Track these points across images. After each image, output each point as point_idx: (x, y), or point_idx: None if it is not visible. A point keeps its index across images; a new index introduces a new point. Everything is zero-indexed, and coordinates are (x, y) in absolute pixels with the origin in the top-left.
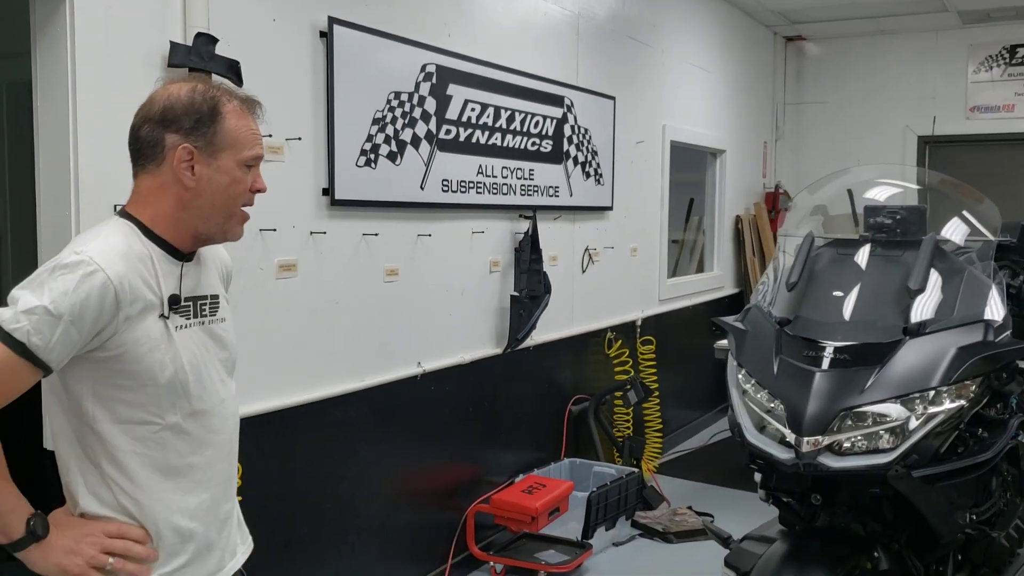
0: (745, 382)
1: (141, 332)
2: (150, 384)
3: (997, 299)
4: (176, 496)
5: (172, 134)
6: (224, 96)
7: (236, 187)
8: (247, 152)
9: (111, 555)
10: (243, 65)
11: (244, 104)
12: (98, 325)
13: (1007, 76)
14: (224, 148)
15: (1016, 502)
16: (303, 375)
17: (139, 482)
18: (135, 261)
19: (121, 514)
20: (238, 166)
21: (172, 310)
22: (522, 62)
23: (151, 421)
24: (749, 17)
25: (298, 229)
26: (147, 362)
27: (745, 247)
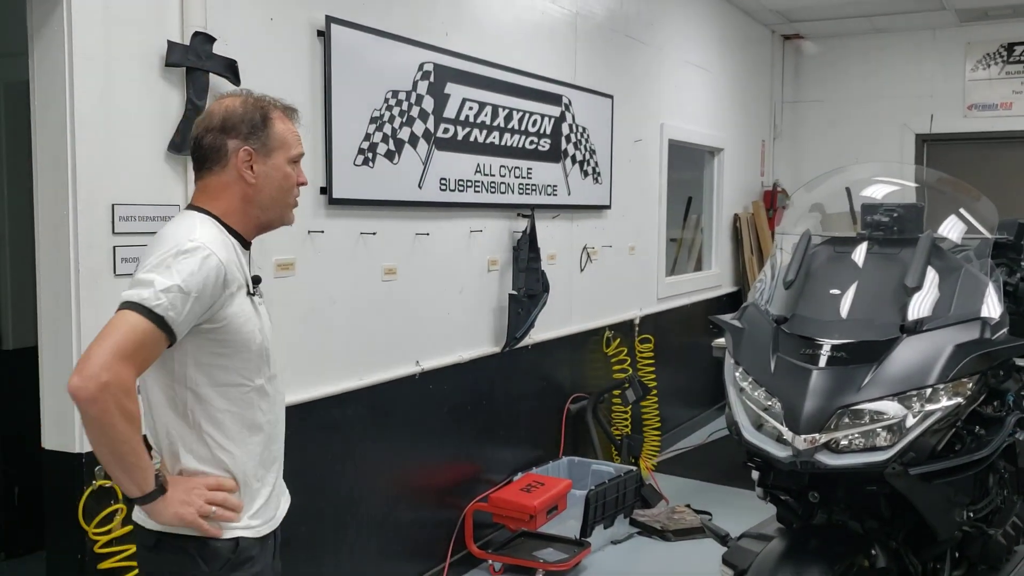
0: (742, 380)
1: (237, 307)
2: (244, 351)
3: (994, 297)
4: (259, 448)
5: (233, 139)
6: (270, 105)
7: (288, 181)
8: (294, 151)
9: (213, 503)
10: (241, 64)
11: (285, 111)
12: (211, 301)
13: (1005, 74)
14: (276, 148)
15: (1013, 499)
16: (301, 374)
17: (232, 437)
18: (229, 248)
19: (216, 468)
20: (287, 163)
21: (254, 290)
22: (520, 61)
23: (243, 383)
24: (747, 15)
25: (296, 228)
26: (243, 332)
27: (743, 245)
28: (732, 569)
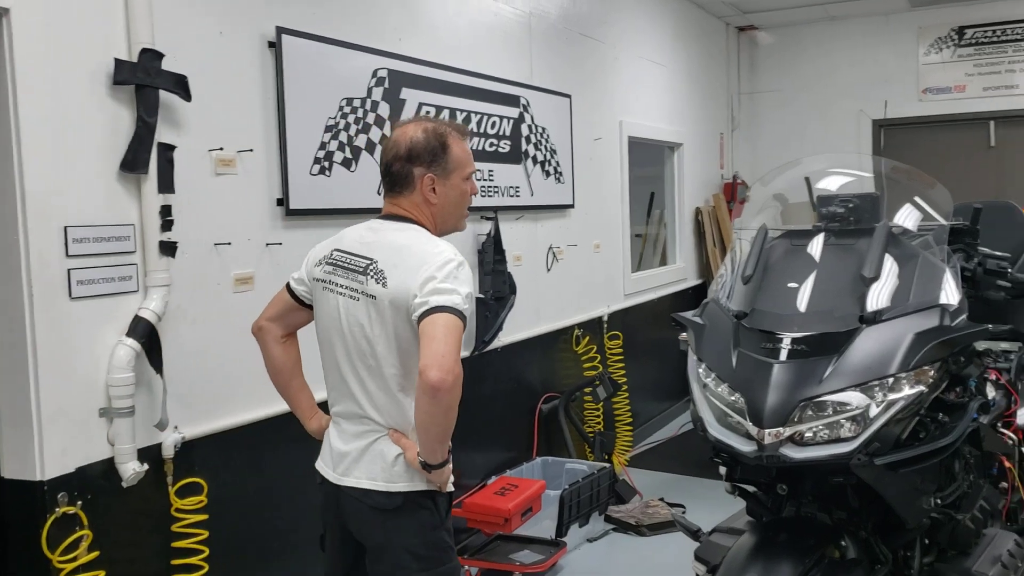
0: (705, 376)
1: None
2: None
3: (952, 283)
4: None
5: (418, 167)
6: (447, 129)
7: (464, 197)
8: (468, 169)
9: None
10: (191, 79)
11: (459, 132)
12: None
13: (957, 57)
14: (454, 170)
15: (979, 483)
16: (265, 389)
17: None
18: None
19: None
20: (463, 181)
21: None
22: (476, 63)
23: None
24: (701, 9)
25: (253, 241)
26: None
27: (706, 238)
28: (704, 565)
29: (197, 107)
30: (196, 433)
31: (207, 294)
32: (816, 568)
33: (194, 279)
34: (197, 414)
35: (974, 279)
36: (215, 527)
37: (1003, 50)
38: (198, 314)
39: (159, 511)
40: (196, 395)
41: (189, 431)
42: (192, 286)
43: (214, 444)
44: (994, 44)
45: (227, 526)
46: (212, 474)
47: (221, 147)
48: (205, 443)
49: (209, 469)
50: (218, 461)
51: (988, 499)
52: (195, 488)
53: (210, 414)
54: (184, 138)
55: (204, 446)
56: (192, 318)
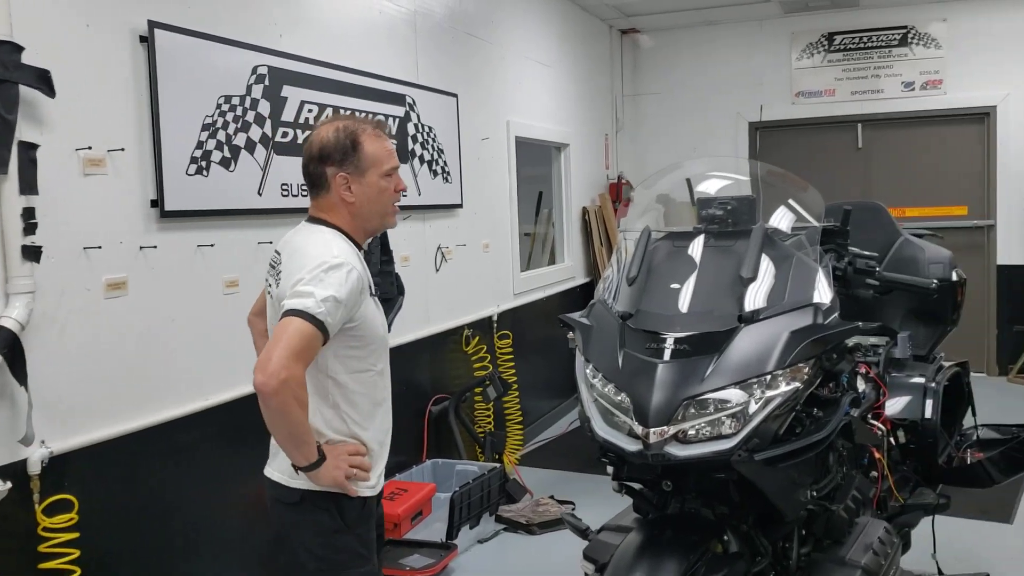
0: (592, 376)
1: (368, 307)
2: (372, 342)
3: (824, 283)
4: (380, 420)
5: (329, 167)
6: (360, 127)
7: (383, 194)
8: (385, 166)
9: (353, 467)
10: (55, 74)
11: (376, 128)
12: (354, 305)
13: (827, 62)
14: (369, 168)
15: (852, 475)
16: (140, 398)
17: (363, 413)
18: (358, 257)
19: (350, 438)
20: (381, 178)
21: (374, 290)
22: (359, 61)
23: (370, 368)
24: (584, 12)
25: (126, 245)
26: (373, 327)
27: (593, 237)
28: (593, 563)
29: (63, 104)
30: (66, 447)
31: (76, 300)
32: (700, 563)
33: (62, 285)
34: (67, 427)
35: (845, 278)
36: (87, 545)
37: (869, 56)
38: (67, 322)
39: (25, 531)
40: (65, 407)
41: (58, 445)
42: (60, 292)
43: (86, 458)
44: (861, 50)
45: (100, 544)
46: (83, 490)
47: (90, 146)
48: (76, 457)
49: (80, 485)
50: (90, 476)
51: (860, 489)
52: (65, 505)
53: (81, 427)
54: (49, 136)
55: (74, 460)
56: (60, 326)
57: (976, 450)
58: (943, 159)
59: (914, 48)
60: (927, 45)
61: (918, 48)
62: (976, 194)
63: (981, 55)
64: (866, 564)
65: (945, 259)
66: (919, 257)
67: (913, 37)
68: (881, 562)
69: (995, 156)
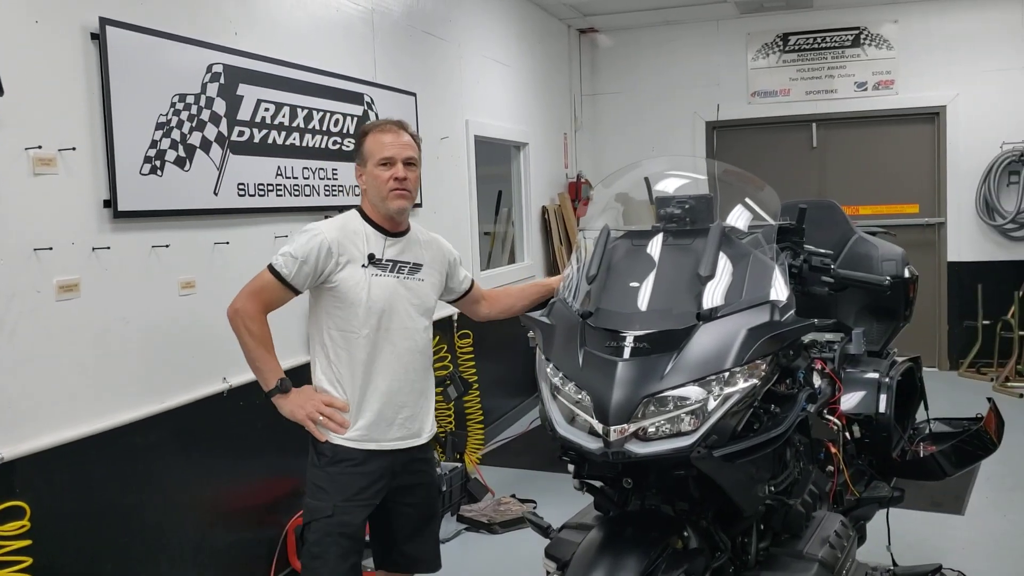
0: (553, 376)
1: (348, 274)
2: (352, 307)
3: (780, 280)
4: (361, 382)
5: (355, 162)
6: (370, 125)
7: (379, 180)
8: (377, 156)
9: (322, 414)
10: (3, 71)
11: (381, 125)
12: (322, 265)
13: (782, 63)
14: (368, 158)
15: (808, 469)
16: (95, 402)
17: (345, 370)
18: (348, 232)
19: (336, 389)
20: (376, 167)
21: (371, 263)
22: (317, 59)
23: (353, 332)
24: (543, 11)
25: (78, 246)
26: (351, 293)
27: (552, 236)
28: (555, 562)
29: (12, 102)
30: (17, 453)
31: (27, 302)
32: (661, 559)
33: (11, 287)
34: (18, 432)
35: (800, 275)
36: (40, 552)
37: (823, 56)
38: (17, 324)
39: None
40: (16, 412)
41: (8, 451)
42: (8, 295)
43: (38, 464)
44: (815, 51)
45: (54, 551)
46: (36, 496)
47: (40, 145)
48: (27, 463)
49: (32, 491)
50: (42, 482)
51: (816, 483)
52: (16, 512)
53: (33, 432)
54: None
55: (26, 466)
56: (10, 329)
57: (929, 443)
58: (895, 158)
59: (866, 49)
60: (879, 46)
61: (870, 49)
62: (927, 192)
63: (931, 56)
64: (823, 557)
65: (898, 256)
66: (872, 254)
67: (865, 38)
68: (838, 555)
69: (945, 155)
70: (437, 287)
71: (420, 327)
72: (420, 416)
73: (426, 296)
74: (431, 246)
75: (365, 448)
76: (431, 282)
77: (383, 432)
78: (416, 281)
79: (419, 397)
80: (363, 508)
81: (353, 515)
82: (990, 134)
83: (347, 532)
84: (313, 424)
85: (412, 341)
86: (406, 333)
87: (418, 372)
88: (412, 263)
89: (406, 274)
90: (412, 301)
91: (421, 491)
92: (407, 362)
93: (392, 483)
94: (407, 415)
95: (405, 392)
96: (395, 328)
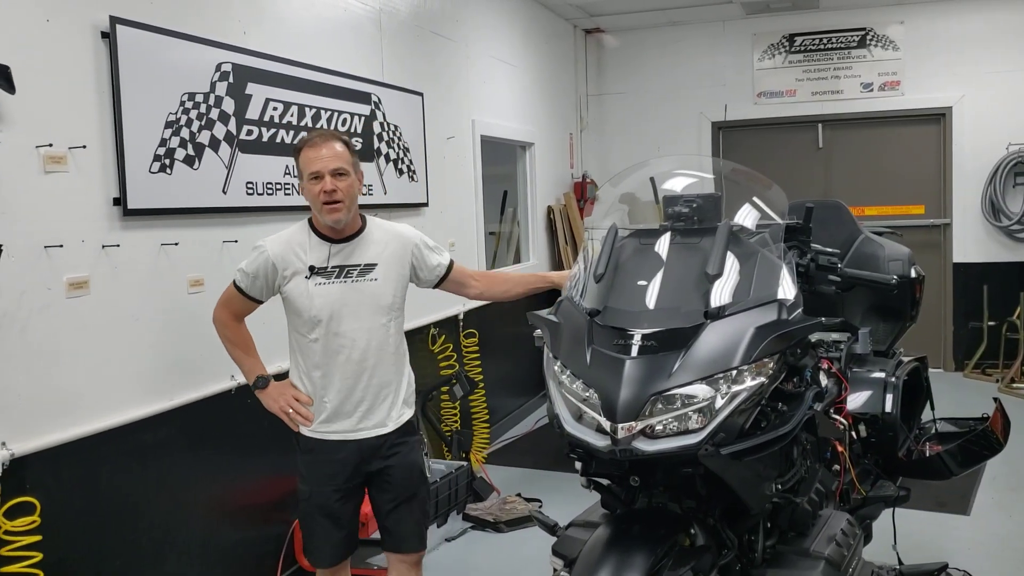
0: (561, 373)
1: (293, 285)
2: (300, 315)
3: (788, 279)
4: (317, 379)
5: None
6: (304, 140)
7: (310, 194)
8: (306, 171)
9: (291, 407)
10: (15, 70)
11: (312, 140)
12: (270, 279)
13: (788, 63)
14: (302, 173)
15: (815, 468)
16: (104, 399)
17: (303, 369)
18: (292, 244)
19: (302, 385)
20: (308, 180)
21: (313, 274)
22: (325, 59)
23: (305, 336)
24: (549, 11)
25: (88, 243)
26: (297, 303)
27: (558, 236)
28: (562, 559)
29: (22, 100)
30: (27, 449)
31: (37, 300)
32: (668, 556)
33: (22, 284)
34: (28, 428)
35: (807, 274)
36: (49, 548)
37: (829, 57)
38: (28, 321)
39: None
40: (26, 408)
41: (19, 447)
42: (19, 291)
43: (48, 460)
44: (821, 52)
45: (63, 547)
46: (46, 492)
47: (50, 143)
48: (37, 459)
49: (42, 487)
50: (52, 478)
51: (823, 482)
52: (27, 508)
53: (43, 428)
54: (8, 133)
55: (36, 462)
56: (20, 326)
57: (935, 443)
58: (901, 159)
59: (872, 50)
60: (885, 47)
61: (876, 50)
62: (933, 193)
63: (938, 57)
64: (830, 555)
65: (904, 256)
66: (879, 254)
67: (872, 39)
68: (844, 553)
69: (951, 156)
70: (396, 281)
71: (377, 324)
72: (381, 408)
73: (381, 294)
74: (389, 242)
75: (328, 439)
76: (388, 279)
77: (342, 424)
78: (368, 282)
79: (380, 390)
80: (336, 491)
81: (327, 497)
82: (996, 135)
83: (325, 512)
84: (286, 416)
85: (368, 340)
86: (359, 333)
87: (376, 368)
88: (363, 264)
89: (355, 277)
90: (363, 302)
91: (396, 472)
92: (361, 360)
93: (366, 468)
94: (365, 409)
95: (361, 388)
96: (345, 331)
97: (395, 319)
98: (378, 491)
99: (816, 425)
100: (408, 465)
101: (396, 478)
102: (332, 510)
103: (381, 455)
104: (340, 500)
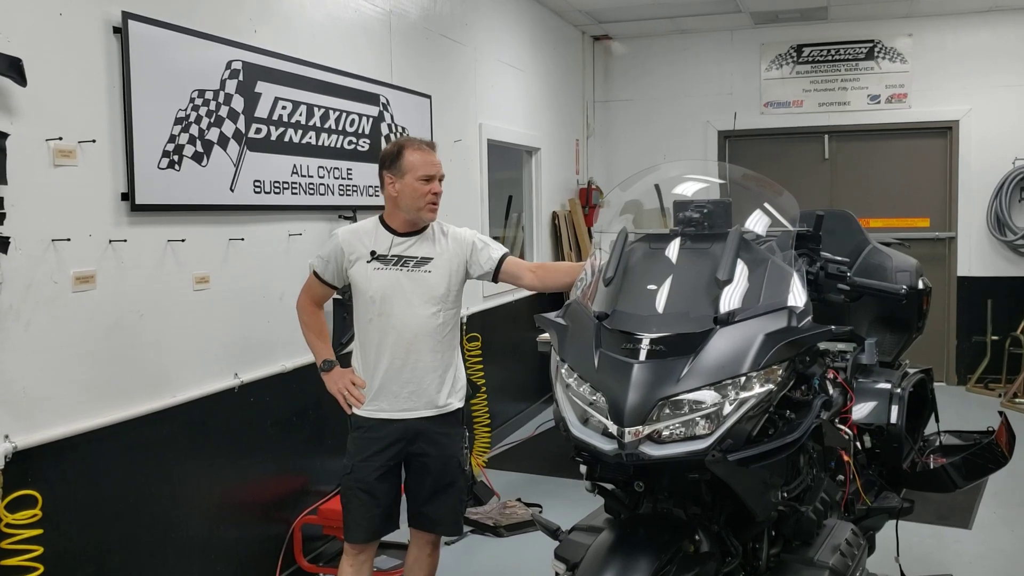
0: (568, 376)
1: (357, 268)
2: (361, 297)
3: (798, 286)
4: (370, 359)
5: (383, 170)
6: (407, 141)
7: (417, 192)
8: (420, 172)
9: (346, 390)
10: (27, 63)
11: (420, 144)
12: (340, 262)
13: (795, 74)
14: (408, 171)
15: (821, 477)
16: (108, 394)
17: (362, 348)
18: (360, 233)
19: (360, 368)
20: (416, 180)
21: (374, 259)
22: (334, 59)
23: (364, 316)
24: (558, 17)
25: (95, 238)
26: (359, 285)
27: (562, 242)
28: (564, 563)
29: (34, 93)
30: (30, 442)
31: (44, 293)
32: (672, 562)
33: (29, 277)
34: (31, 422)
35: (817, 282)
36: (51, 542)
37: (837, 69)
38: (33, 314)
39: None
40: (29, 402)
41: (22, 440)
42: (26, 284)
43: (50, 453)
44: (829, 63)
45: (64, 541)
46: (48, 486)
47: (60, 137)
48: (40, 452)
49: (44, 480)
50: (54, 472)
51: (828, 491)
52: (29, 501)
53: (46, 422)
54: (18, 126)
55: (39, 456)
56: (26, 319)
57: (939, 455)
58: (907, 171)
59: (880, 62)
60: (893, 59)
61: (884, 62)
62: (938, 207)
63: (945, 70)
64: (834, 565)
65: (912, 267)
66: (887, 265)
67: (879, 51)
68: (848, 563)
69: (957, 170)
70: (450, 276)
71: (427, 313)
72: (428, 391)
73: (435, 285)
74: (447, 242)
75: (376, 417)
76: (442, 272)
77: (391, 404)
78: (423, 273)
79: (426, 375)
80: (378, 468)
81: (368, 472)
82: (1002, 150)
83: (363, 487)
84: (341, 397)
85: (417, 326)
86: (410, 319)
87: (424, 352)
88: (420, 257)
89: (411, 267)
90: (416, 291)
91: (436, 461)
92: (410, 344)
93: (409, 448)
94: (411, 390)
95: (408, 370)
96: (396, 314)
97: (446, 310)
98: (415, 476)
99: (823, 434)
100: (447, 456)
101: (433, 466)
102: (370, 486)
103: (427, 439)
104: (379, 477)
